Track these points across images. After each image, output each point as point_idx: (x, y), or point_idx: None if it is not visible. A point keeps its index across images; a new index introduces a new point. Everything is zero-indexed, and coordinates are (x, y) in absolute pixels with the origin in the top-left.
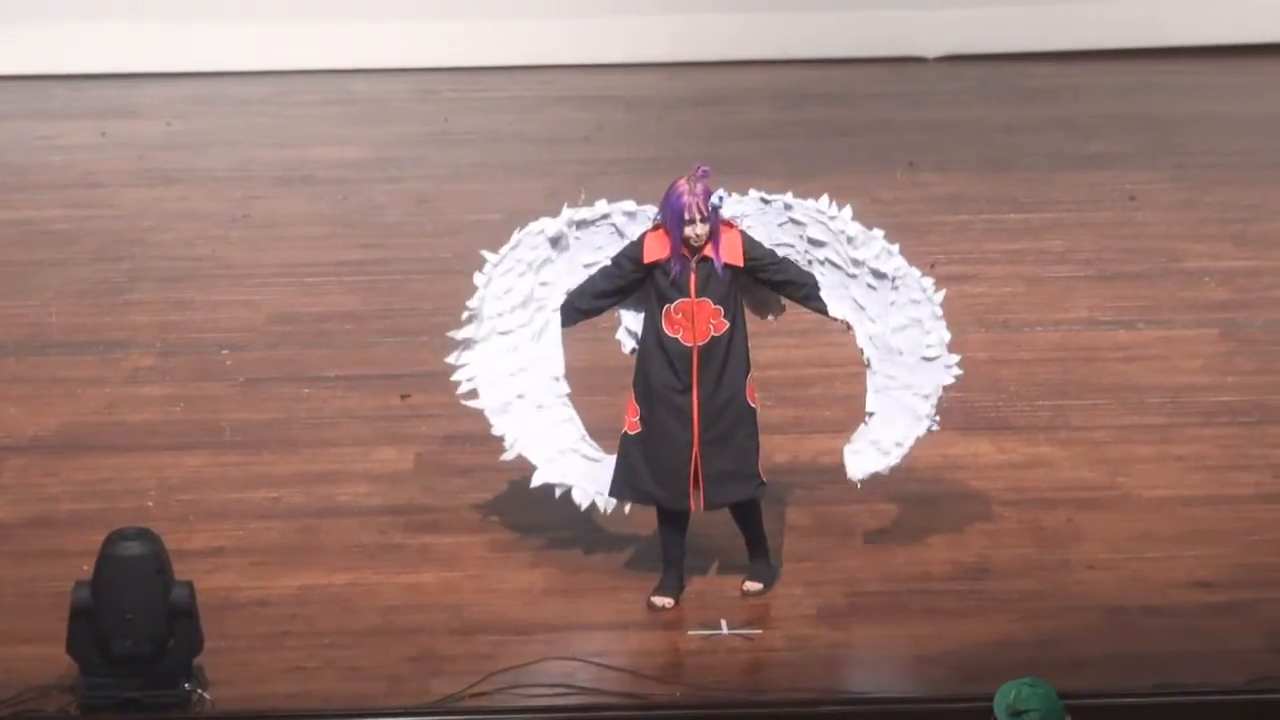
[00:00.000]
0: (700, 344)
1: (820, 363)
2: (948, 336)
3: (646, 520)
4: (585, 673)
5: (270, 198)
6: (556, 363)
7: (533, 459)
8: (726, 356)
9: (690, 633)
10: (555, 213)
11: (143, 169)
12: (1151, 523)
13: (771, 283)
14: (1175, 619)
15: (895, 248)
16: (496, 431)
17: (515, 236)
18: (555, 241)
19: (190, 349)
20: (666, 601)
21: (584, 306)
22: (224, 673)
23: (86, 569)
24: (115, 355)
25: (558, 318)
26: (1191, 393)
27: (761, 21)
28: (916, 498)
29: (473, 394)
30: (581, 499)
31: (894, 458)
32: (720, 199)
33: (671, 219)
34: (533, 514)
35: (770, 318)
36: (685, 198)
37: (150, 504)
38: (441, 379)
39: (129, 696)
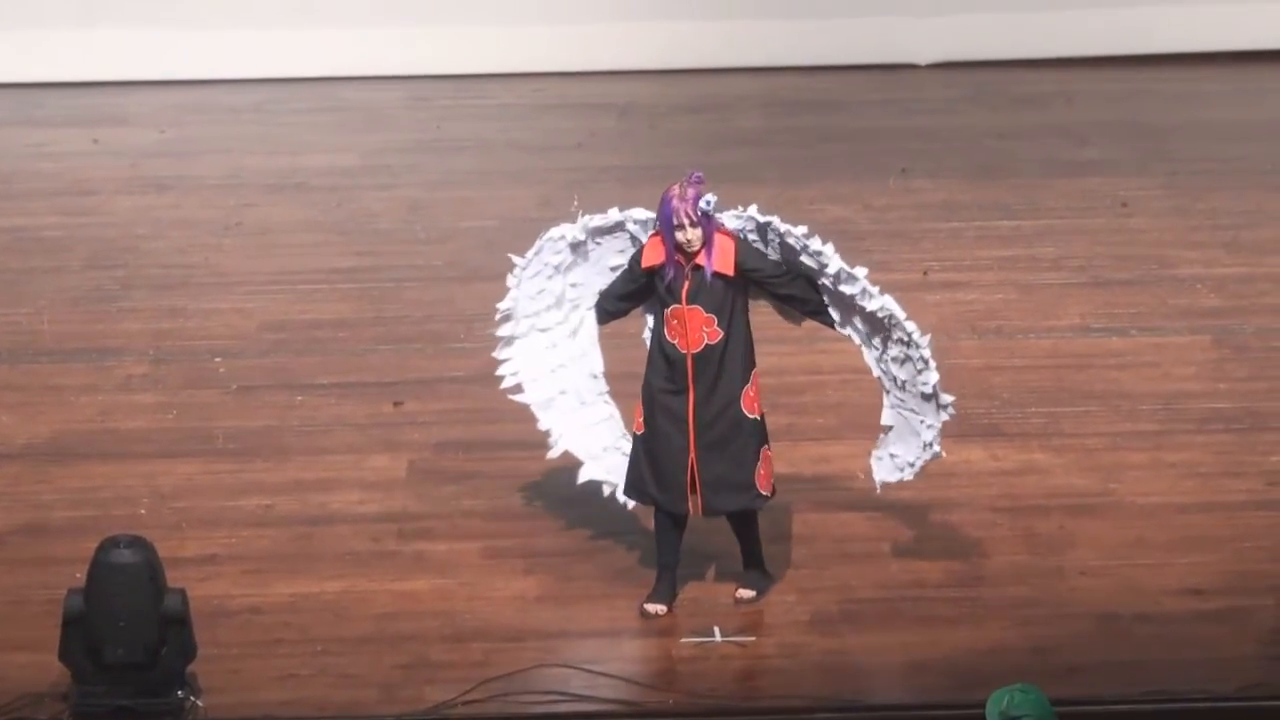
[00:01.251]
0: (694, 351)
1: (813, 370)
2: (936, 378)
3: (638, 527)
4: (578, 680)
5: (262, 205)
6: (594, 361)
7: (578, 455)
8: (721, 365)
9: (683, 640)
10: (548, 220)
11: (135, 176)
12: (1144, 530)
13: (775, 295)
14: (1167, 626)
15: (876, 289)
16: (541, 427)
17: (538, 243)
18: (575, 248)
19: (183, 356)
20: (659, 608)
21: (609, 308)
22: (217, 680)
23: (79, 576)
24: (108, 363)
25: (593, 316)
26: (1184, 399)
27: (754, 28)
28: (909, 505)
29: (517, 389)
30: (626, 499)
31: (908, 474)
32: (709, 203)
33: (663, 225)
34: (526, 521)
35: (797, 323)
36: (674, 203)
37: (143, 511)
38: (434, 386)
39: (122, 704)
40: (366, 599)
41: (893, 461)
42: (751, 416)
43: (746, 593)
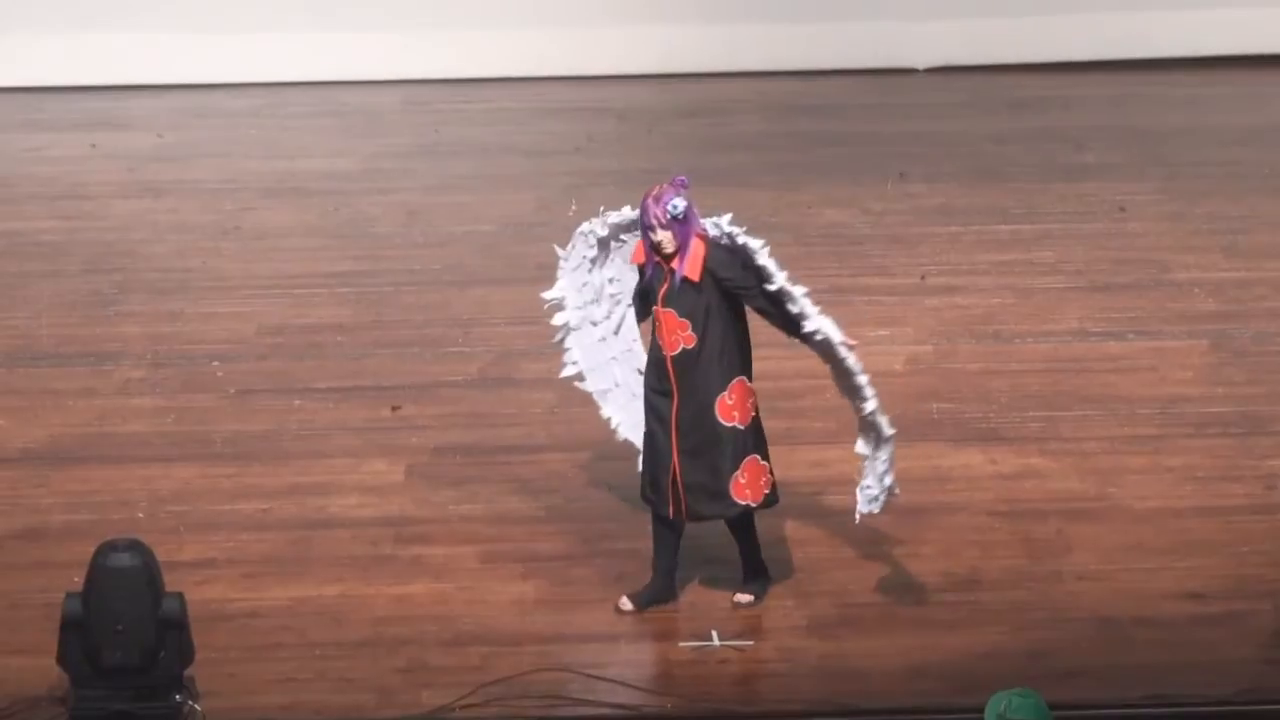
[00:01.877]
0: (672, 354)
1: (810, 374)
2: (873, 406)
3: (637, 531)
4: (576, 684)
5: (260, 209)
6: (639, 356)
7: (637, 444)
8: (698, 371)
9: (681, 644)
10: (546, 224)
11: (133, 181)
12: (1142, 534)
13: (753, 308)
14: (1166, 630)
15: (816, 310)
16: (604, 414)
17: (573, 237)
18: (603, 243)
19: (181, 360)
20: (625, 604)
21: (638, 305)
22: (215, 684)
23: (77, 580)
24: (106, 367)
25: (632, 312)
26: (1182, 404)
27: (751, 33)
28: (907, 509)
29: (579, 377)
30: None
31: (875, 508)
32: (675, 208)
33: (640, 225)
34: (524, 525)
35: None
36: (648, 203)
37: (141, 515)
38: (432, 390)
39: (120, 708)
40: (364, 603)
41: (865, 493)
42: (729, 425)
43: (744, 597)
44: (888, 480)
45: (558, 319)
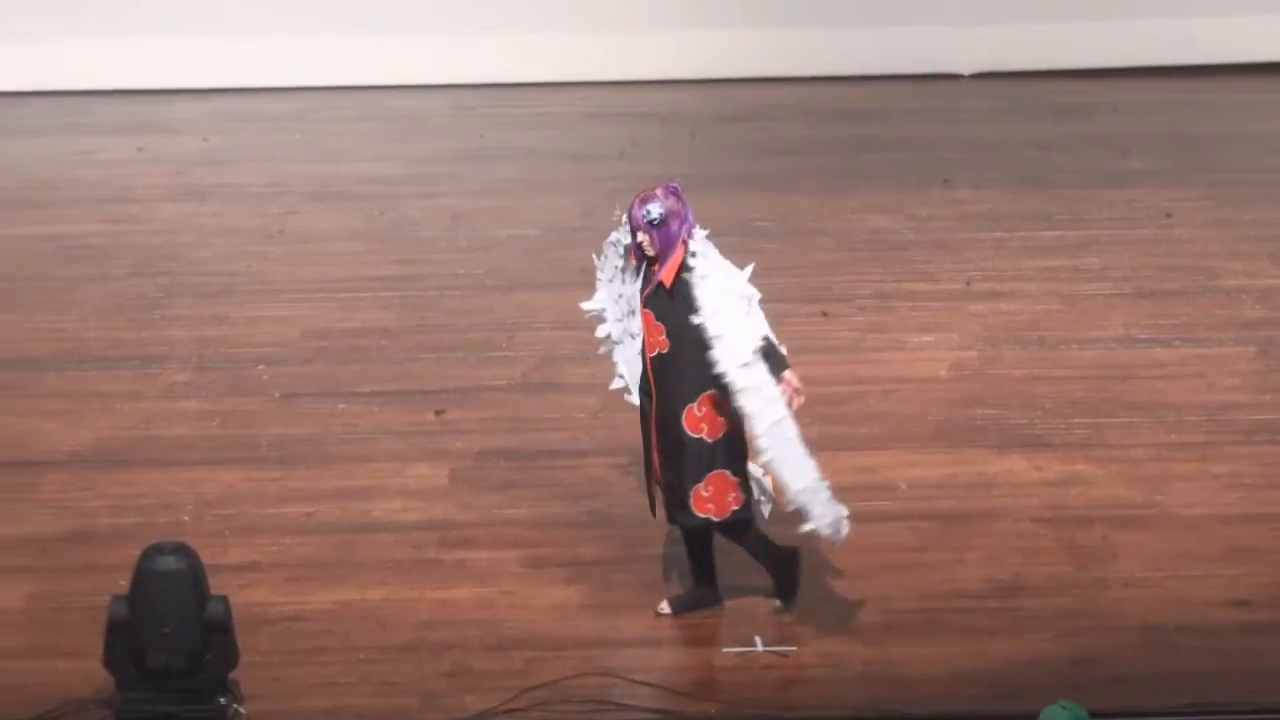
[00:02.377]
0: (650, 356)
1: (854, 380)
2: (764, 461)
3: (679, 536)
4: (619, 689)
5: (306, 213)
6: None
7: None
8: (671, 376)
9: (725, 649)
10: (589, 229)
11: (179, 184)
12: (1189, 541)
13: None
14: (1213, 638)
15: (732, 356)
16: None
17: (603, 249)
18: (629, 252)
19: (226, 364)
20: (666, 609)
21: None
22: (259, 687)
23: (123, 583)
24: (152, 370)
25: None
26: (1229, 411)
27: (795, 38)
28: (951, 515)
29: (627, 390)
30: None
31: (835, 540)
32: (649, 213)
33: (629, 225)
34: (567, 529)
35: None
36: (634, 202)
37: (186, 519)
38: (476, 395)
39: (165, 710)
40: (408, 607)
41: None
42: (695, 436)
43: (778, 602)
44: (809, 524)
45: (600, 331)
